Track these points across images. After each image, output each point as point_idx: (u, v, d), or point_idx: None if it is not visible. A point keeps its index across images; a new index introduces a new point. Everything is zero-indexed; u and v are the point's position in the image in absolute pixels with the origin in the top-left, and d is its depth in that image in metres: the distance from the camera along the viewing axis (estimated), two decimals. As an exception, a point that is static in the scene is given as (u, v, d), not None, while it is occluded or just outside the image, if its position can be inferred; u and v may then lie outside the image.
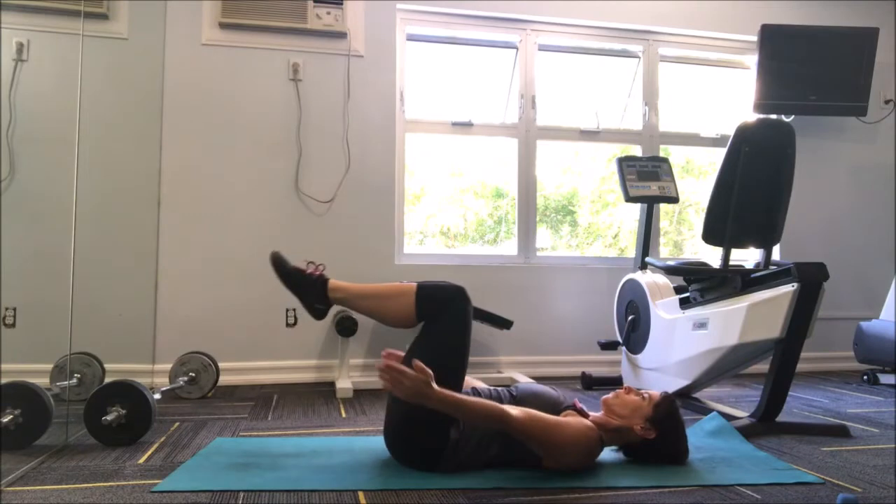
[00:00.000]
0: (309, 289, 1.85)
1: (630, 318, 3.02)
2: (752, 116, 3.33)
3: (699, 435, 2.12)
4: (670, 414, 1.76)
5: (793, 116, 3.56)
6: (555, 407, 1.74)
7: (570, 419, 1.67)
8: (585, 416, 1.76)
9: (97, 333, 2.84)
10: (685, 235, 4.15)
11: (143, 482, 1.60)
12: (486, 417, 1.58)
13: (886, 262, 3.97)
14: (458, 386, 1.70)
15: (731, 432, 2.11)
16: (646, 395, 1.78)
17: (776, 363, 2.22)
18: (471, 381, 2.11)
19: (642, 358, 2.92)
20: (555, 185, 3.92)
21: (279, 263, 1.87)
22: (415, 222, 3.74)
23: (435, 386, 1.52)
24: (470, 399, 1.58)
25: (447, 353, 1.71)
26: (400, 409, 1.70)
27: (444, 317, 1.74)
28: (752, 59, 3.72)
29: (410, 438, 1.69)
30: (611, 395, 1.83)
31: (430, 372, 1.52)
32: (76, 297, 2.17)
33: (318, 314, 1.88)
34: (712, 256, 2.66)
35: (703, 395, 2.85)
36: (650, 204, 3.24)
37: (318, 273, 1.86)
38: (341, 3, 3.32)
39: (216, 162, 3.23)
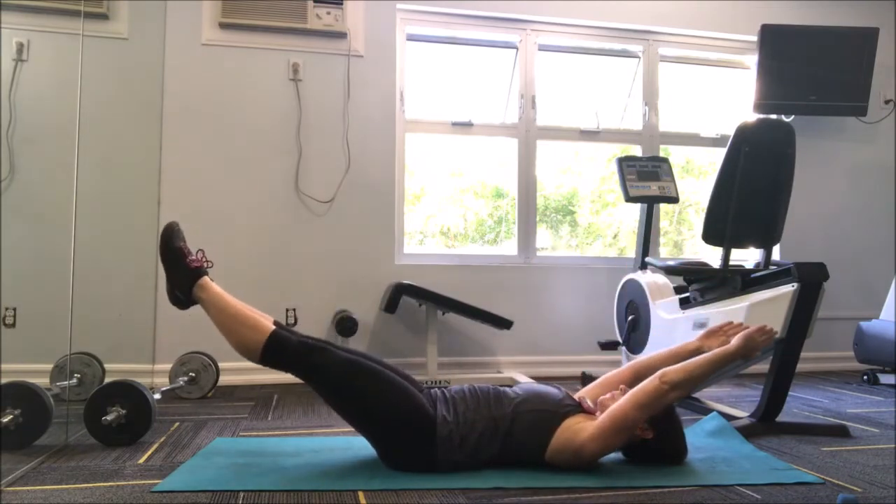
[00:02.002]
0: (180, 274, 1.77)
1: (630, 318, 3.02)
2: (752, 116, 3.33)
3: (699, 435, 2.12)
4: (667, 413, 1.76)
5: (793, 116, 3.56)
6: (557, 407, 1.72)
7: (591, 430, 1.65)
8: (592, 412, 1.75)
9: (97, 333, 2.85)
10: (685, 235, 4.15)
11: (143, 482, 1.59)
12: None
13: (886, 262, 3.97)
14: (406, 407, 1.66)
15: (731, 432, 2.11)
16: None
17: (776, 363, 2.22)
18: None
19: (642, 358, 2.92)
20: (555, 185, 3.92)
21: (168, 236, 1.79)
22: (415, 222, 3.74)
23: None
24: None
25: (351, 399, 1.69)
26: (369, 428, 1.71)
27: (314, 376, 1.71)
28: (752, 59, 3.72)
29: (396, 449, 1.69)
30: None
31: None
32: (76, 297, 2.17)
33: (177, 303, 1.80)
34: (712, 256, 2.66)
35: (703, 395, 2.85)
36: (650, 204, 3.23)
37: (197, 265, 1.79)
38: (341, 3, 3.32)
39: (216, 161, 3.23)
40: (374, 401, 1.67)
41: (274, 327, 1.73)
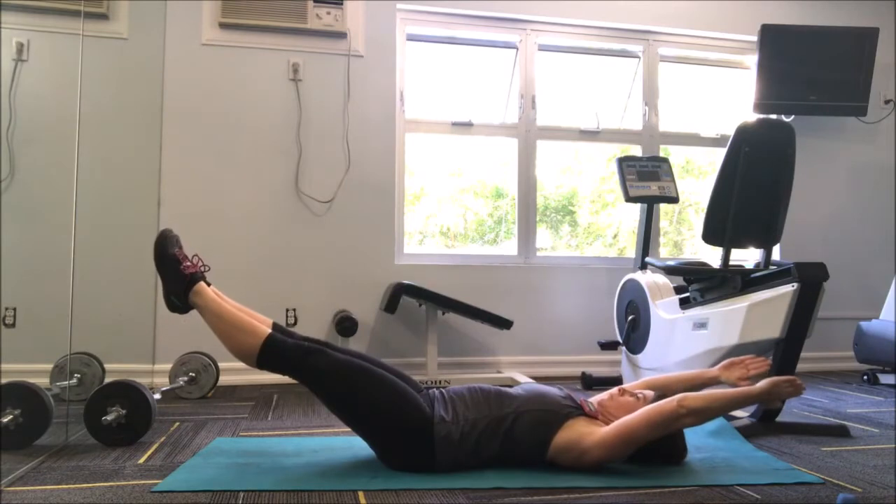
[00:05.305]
0: (175, 281, 1.77)
1: (630, 318, 3.02)
2: (752, 116, 3.33)
3: (699, 435, 2.12)
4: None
5: (793, 116, 3.56)
6: (559, 407, 1.72)
7: (598, 437, 1.65)
8: (595, 415, 1.75)
9: (97, 333, 2.85)
10: (685, 235, 4.15)
11: (143, 482, 1.60)
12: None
13: (886, 262, 3.96)
14: (402, 408, 1.66)
15: (731, 432, 2.11)
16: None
17: (776, 363, 2.22)
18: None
19: (642, 358, 2.92)
20: (555, 185, 3.92)
21: (162, 244, 1.78)
22: (415, 222, 3.74)
23: None
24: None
25: (348, 401, 1.69)
26: (366, 429, 1.71)
27: (310, 378, 1.71)
28: (752, 59, 3.72)
29: (393, 450, 1.69)
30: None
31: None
32: (76, 297, 2.17)
33: (175, 309, 1.80)
34: (712, 256, 2.66)
35: (703, 395, 2.84)
36: (650, 204, 3.24)
37: (192, 271, 1.78)
38: (341, 3, 3.32)
39: (216, 162, 3.23)
40: (368, 400, 1.67)
41: (270, 331, 1.73)
